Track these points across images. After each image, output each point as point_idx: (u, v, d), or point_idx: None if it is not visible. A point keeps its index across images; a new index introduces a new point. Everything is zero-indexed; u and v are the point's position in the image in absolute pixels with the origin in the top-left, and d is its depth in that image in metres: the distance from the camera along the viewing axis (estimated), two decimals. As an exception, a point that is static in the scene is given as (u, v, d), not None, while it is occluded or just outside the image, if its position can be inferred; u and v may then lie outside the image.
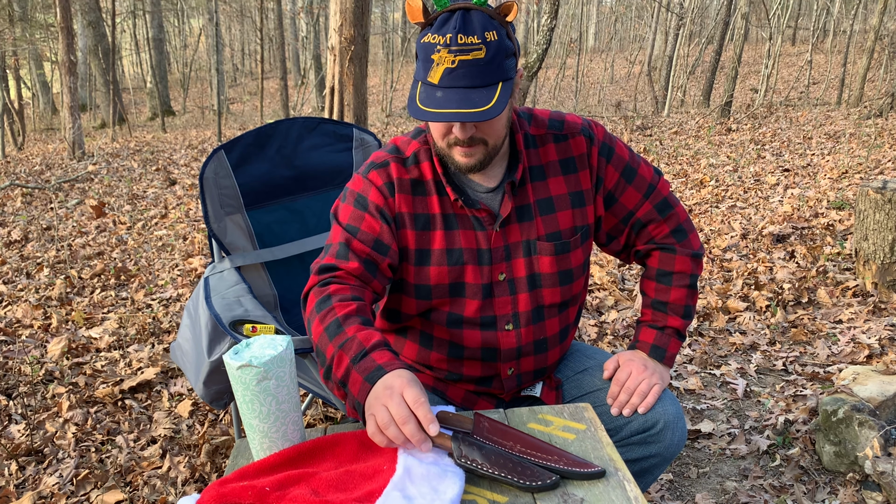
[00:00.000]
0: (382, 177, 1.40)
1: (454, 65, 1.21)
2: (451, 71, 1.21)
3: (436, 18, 1.23)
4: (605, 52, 29.28)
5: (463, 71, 1.21)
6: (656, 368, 1.46)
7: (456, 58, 1.20)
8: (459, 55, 1.20)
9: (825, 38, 23.12)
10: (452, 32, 1.19)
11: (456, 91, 1.22)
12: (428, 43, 1.23)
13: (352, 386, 1.17)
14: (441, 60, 1.21)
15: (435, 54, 1.22)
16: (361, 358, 1.18)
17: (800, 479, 2.20)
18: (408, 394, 1.09)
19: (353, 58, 5.42)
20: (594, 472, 1.08)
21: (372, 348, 1.19)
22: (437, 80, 1.22)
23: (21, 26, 16.68)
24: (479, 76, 1.21)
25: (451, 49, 1.20)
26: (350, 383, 1.17)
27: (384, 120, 15.62)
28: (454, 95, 1.21)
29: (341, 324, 1.23)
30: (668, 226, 1.53)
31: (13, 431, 2.63)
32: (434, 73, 1.22)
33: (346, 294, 1.30)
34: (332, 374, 1.22)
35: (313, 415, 2.67)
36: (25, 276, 4.69)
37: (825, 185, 5.81)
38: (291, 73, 25.46)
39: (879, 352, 2.93)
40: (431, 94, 1.23)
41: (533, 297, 1.43)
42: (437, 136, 1.33)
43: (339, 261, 1.35)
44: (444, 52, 1.21)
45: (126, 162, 9.90)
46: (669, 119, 12.10)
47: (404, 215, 1.39)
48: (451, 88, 1.22)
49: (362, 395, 1.15)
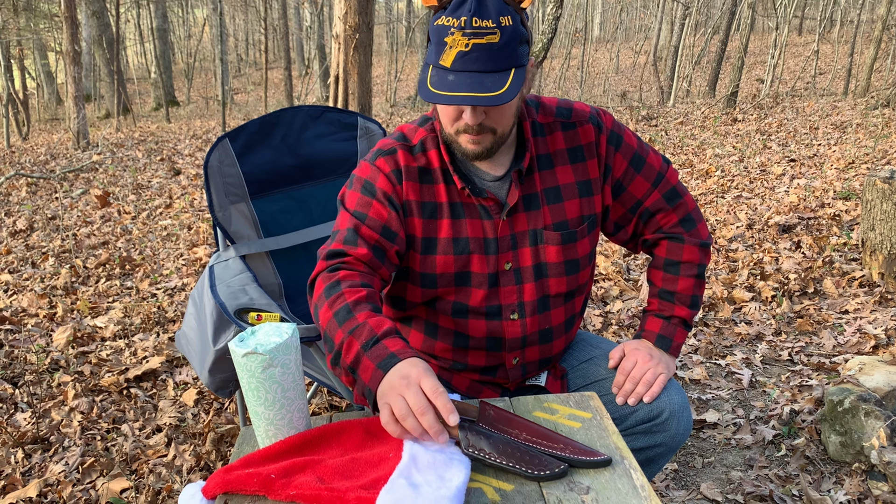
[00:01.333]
0: (390, 164, 1.38)
1: (468, 48, 1.19)
2: (465, 54, 1.19)
3: (450, 1, 1.21)
4: (611, 41, 29.15)
5: (476, 55, 1.19)
6: (662, 358, 1.46)
7: (470, 41, 1.18)
8: (473, 38, 1.18)
9: (832, 28, 22.98)
10: (467, 15, 1.17)
11: (468, 75, 1.20)
12: (442, 25, 1.20)
13: (362, 373, 1.15)
14: (454, 43, 1.19)
15: (448, 37, 1.19)
16: (373, 345, 1.15)
17: (805, 469, 2.20)
18: (425, 383, 1.07)
19: (358, 46, 5.40)
20: (600, 461, 1.07)
21: (384, 335, 1.16)
22: (450, 64, 1.20)
23: (25, 16, 16.67)
24: (492, 61, 1.20)
25: (465, 32, 1.18)
26: (361, 370, 1.15)
27: (388, 110, 15.59)
28: (466, 79, 1.19)
29: (351, 309, 1.21)
30: (677, 215, 1.51)
31: (19, 420, 2.64)
32: (447, 56, 1.20)
33: (356, 280, 1.28)
34: (340, 359, 1.20)
35: (318, 404, 2.67)
36: (31, 265, 4.70)
37: (831, 176, 5.78)
38: (295, 62, 25.41)
39: (886, 342, 2.92)
40: (443, 77, 1.21)
41: (539, 286, 1.43)
42: (445, 122, 1.31)
43: (348, 246, 1.33)
44: (458, 34, 1.18)
45: (130, 152, 9.90)
46: (675, 109, 12.04)
47: (412, 203, 1.38)
48: (464, 72, 1.20)
49: (374, 383, 1.12)
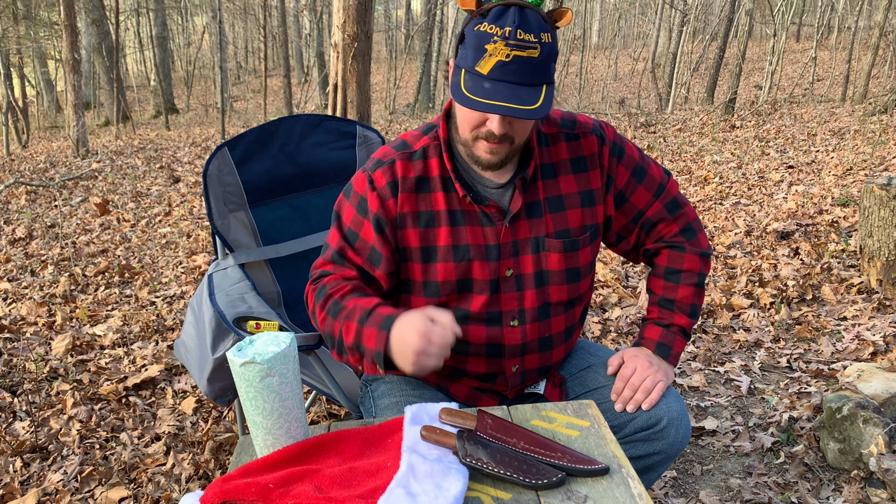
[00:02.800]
0: (387, 176, 1.40)
1: (508, 59, 1.21)
2: (504, 65, 1.21)
3: (490, 9, 1.23)
4: (609, 48, 29.23)
5: (515, 67, 1.21)
6: (661, 365, 1.46)
7: (512, 52, 1.20)
8: (515, 50, 1.20)
9: (829, 35, 23.05)
10: (512, 26, 1.19)
11: (505, 85, 1.22)
12: (484, 32, 1.22)
13: (366, 342, 1.24)
14: (495, 52, 1.21)
15: (490, 44, 1.21)
16: (368, 316, 1.26)
17: (804, 476, 2.19)
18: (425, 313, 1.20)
19: (357, 55, 5.41)
20: (598, 469, 1.08)
21: (375, 307, 1.27)
22: (487, 72, 1.22)
23: (25, 24, 16.71)
24: (528, 75, 1.22)
25: (508, 42, 1.20)
26: (364, 340, 1.25)
27: (387, 117, 15.61)
28: (503, 89, 1.21)
29: (339, 301, 1.32)
30: (678, 225, 1.53)
31: (18, 428, 2.64)
32: (485, 64, 1.22)
33: (339, 280, 1.38)
34: (343, 344, 1.29)
35: (317, 412, 2.67)
36: (30, 273, 4.71)
37: (829, 182, 5.79)
38: (295, 70, 25.46)
39: (884, 349, 2.92)
40: (478, 83, 1.23)
41: (540, 294, 1.44)
42: (466, 127, 1.32)
43: (335, 267, 1.41)
44: (501, 44, 1.20)
45: (130, 159, 9.91)
46: (673, 116, 12.07)
47: (406, 215, 1.39)
48: (501, 82, 1.22)
49: (380, 343, 1.22)
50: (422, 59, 16.36)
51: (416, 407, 1.24)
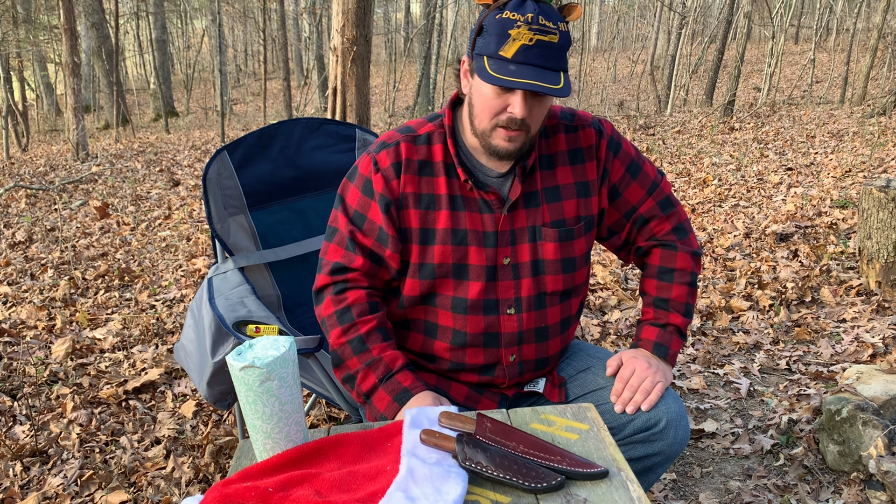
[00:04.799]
0: (391, 156, 1.43)
1: (531, 42, 1.26)
2: (528, 48, 1.26)
3: (508, 1, 1.28)
4: (608, 51, 29.25)
5: (538, 50, 1.26)
6: (659, 366, 1.47)
7: (535, 36, 1.26)
8: (538, 35, 1.26)
9: (828, 37, 23.07)
10: (533, 13, 1.26)
11: (529, 68, 1.27)
12: (507, 19, 1.27)
13: (378, 402, 1.36)
14: (519, 36, 1.26)
15: (514, 29, 1.26)
16: (388, 379, 1.37)
17: (804, 478, 2.20)
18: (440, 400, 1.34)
19: (356, 58, 5.42)
20: (597, 473, 1.08)
21: (398, 370, 1.37)
22: (511, 55, 1.27)
23: (25, 28, 16.72)
24: (550, 58, 1.27)
25: (531, 27, 1.25)
26: (376, 399, 1.37)
27: (387, 120, 15.62)
28: (529, 71, 1.26)
29: (364, 341, 1.39)
30: (670, 223, 1.56)
31: (18, 432, 2.64)
32: (509, 48, 1.27)
33: (364, 304, 1.42)
34: (354, 382, 1.39)
35: (316, 415, 2.67)
36: (30, 277, 4.71)
37: (828, 184, 5.80)
38: (294, 73, 25.48)
39: (883, 351, 2.92)
40: (503, 66, 1.27)
41: (536, 282, 1.46)
42: (486, 115, 1.35)
43: (348, 255, 1.44)
44: (525, 28, 1.26)
45: (130, 163, 9.92)
46: (672, 118, 12.08)
47: (408, 195, 1.43)
48: (525, 65, 1.27)
49: (391, 413, 1.34)
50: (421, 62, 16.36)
51: (415, 410, 1.24)
